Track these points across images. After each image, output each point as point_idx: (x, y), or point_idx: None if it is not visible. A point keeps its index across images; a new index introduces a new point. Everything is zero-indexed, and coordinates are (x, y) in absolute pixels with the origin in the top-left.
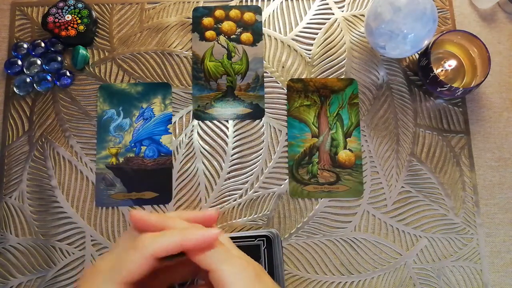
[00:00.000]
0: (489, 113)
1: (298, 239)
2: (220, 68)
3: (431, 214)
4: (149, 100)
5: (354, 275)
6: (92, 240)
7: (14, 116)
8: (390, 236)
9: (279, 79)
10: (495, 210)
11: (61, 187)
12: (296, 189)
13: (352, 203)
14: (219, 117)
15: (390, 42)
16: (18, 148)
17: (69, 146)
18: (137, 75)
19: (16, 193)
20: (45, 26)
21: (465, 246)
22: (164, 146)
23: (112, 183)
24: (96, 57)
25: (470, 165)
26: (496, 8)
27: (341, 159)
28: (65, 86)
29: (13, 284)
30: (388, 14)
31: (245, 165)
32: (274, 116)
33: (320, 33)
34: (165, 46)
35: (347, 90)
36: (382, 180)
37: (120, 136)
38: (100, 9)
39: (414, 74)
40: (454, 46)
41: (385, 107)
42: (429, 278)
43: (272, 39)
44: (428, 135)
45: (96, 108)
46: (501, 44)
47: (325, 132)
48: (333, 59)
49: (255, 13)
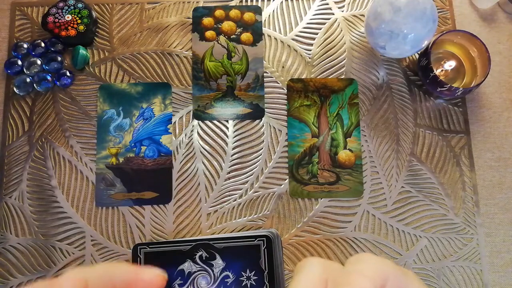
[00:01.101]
0: (489, 113)
1: (298, 239)
2: (220, 68)
3: (431, 214)
4: (149, 100)
5: None
6: (92, 240)
7: (14, 116)
8: (390, 236)
9: (279, 79)
10: (495, 210)
11: (61, 187)
12: (296, 189)
13: (352, 203)
14: (219, 117)
15: (390, 42)
16: (18, 148)
17: (69, 146)
18: (137, 75)
19: (16, 193)
20: (45, 26)
21: (465, 246)
22: (164, 146)
23: (112, 183)
24: (96, 57)
25: (470, 165)
26: (496, 8)
27: (341, 159)
28: (65, 86)
29: (13, 284)
30: (388, 14)
31: (245, 165)
32: (274, 116)
33: (320, 33)
34: (165, 46)
35: (347, 90)
36: (382, 180)
37: (120, 136)
38: (100, 9)
39: (414, 74)
40: (454, 46)
41: (385, 107)
42: (429, 278)
43: (272, 39)
44: (428, 135)
45: (96, 108)
46: (501, 44)
47: (325, 132)
48: (333, 59)
49: (255, 13)
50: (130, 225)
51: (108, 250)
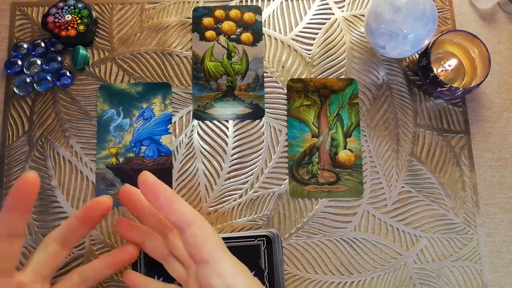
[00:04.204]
0: (489, 113)
1: (298, 239)
2: (220, 68)
3: (431, 214)
4: (149, 100)
5: (354, 275)
6: (92, 240)
7: (14, 116)
8: (390, 236)
9: (279, 79)
10: (495, 210)
11: (61, 187)
12: (296, 189)
13: (352, 203)
14: (219, 117)
15: (390, 42)
16: (18, 148)
17: (69, 146)
18: (137, 75)
19: None
20: (45, 26)
21: (465, 246)
22: (164, 146)
23: (112, 183)
24: (96, 57)
25: (470, 165)
26: (496, 8)
27: (341, 159)
28: (65, 86)
29: None
30: (388, 14)
31: (245, 165)
32: (274, 116)
33: (320, 33)
34: (165, 46)
35: (347, 90)
36: (382, 180)
37: (120, 136)
38: (100, 9)
39: (414, 74)
40: (454, 46)
41: (385, 107)
42: (429, 278)
43: (272, 39)
44: (428, 135)
45: (96, 108)
46: (501, 44)
47: (325, 132)
48: (333, 59)
49: (255, 13)
50: None
51: (108, 250)
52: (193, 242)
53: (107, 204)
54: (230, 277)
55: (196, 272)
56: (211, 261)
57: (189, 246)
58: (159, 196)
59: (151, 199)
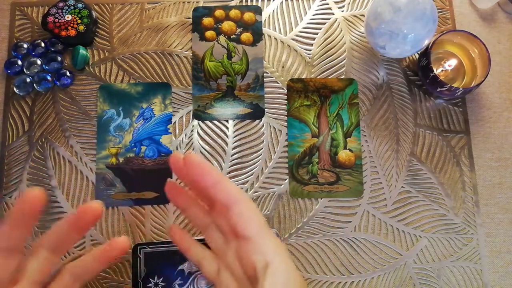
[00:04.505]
0: (489, 113)
1: (298, 239)
2: (220, 68)
3: (431, 214)
4: (149, 100)
5: (354, 275)
6: (92, 240)
7: (14, 116)
8: (390, 236)
9: (279, 79)
10: (495, 210)
11: (61, 187)
12: (296, 189)
13: (352, 203)
14: (219, 117)
15: (390, 42)
16: (18, 148)
17: (69, 146)
18: (137, 75)
19: (16, 193)
20: (45, 26)
21: (465, 246)
22: (164, 146)
23: (112, 183)
24: (96, 57)
25: (470, 165)
26: (496, 8)
27: (341, 159)
28: (65, 86)
29: None
30: (388, 14)
31: (245, 165)
32: (274, 116)
33: (320, 33)
34: (165, 46)
35: (347, 90)
36: (382, 180)
37: (120, 136)
38: (100, 9)
39: (414, 74)
40: (454, 46)
41: (385, 107)
42: (429, 278)
43: (272, 39)
44: (428, 135)
45: (96, 108)
46: (501, 44)
47: (325, 132)
48: (333, 59)
49: (255, 13)
50: (130, 225)
51: None
52: (238, 220)
53: (97, 210)
54: (270, 255)
55: (236, 246)
56: (253, 239)
57: (234, 223)
58: (207, 176)
59: (199, 178)
